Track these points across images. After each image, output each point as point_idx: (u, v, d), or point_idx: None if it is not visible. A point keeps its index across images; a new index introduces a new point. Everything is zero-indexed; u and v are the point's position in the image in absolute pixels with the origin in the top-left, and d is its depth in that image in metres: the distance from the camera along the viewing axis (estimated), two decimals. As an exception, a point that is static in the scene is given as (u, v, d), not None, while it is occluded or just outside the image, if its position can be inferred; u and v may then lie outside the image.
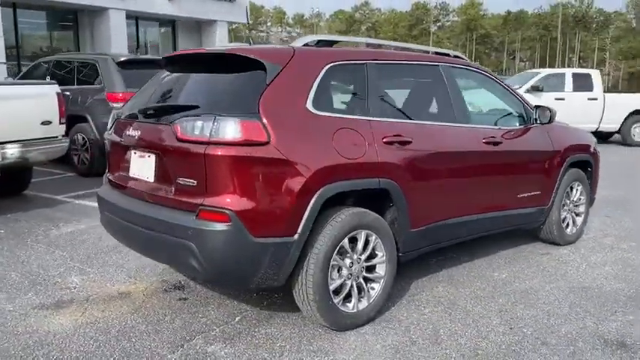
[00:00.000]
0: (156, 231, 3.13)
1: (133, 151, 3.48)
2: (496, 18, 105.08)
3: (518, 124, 4.51)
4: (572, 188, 5.02)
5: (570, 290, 4.02)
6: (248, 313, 3.57)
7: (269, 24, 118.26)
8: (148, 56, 11.11)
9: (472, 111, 4.44)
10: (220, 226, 2.88)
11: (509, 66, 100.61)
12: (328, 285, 3.16)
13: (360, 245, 3.30)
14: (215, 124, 2.89)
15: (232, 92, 3.15)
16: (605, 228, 5.72)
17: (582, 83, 13.42)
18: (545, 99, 12.42)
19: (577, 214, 5.18)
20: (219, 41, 19.63)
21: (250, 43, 3.62)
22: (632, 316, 3.58)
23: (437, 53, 4.21)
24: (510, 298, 3.87)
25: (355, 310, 3.31)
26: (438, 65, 4.01)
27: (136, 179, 3.44)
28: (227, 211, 2.87)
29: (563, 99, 12.96)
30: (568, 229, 5.06)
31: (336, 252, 3.17)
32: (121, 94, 7.73)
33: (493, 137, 4.14)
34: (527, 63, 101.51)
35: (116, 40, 16.89)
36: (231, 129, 2.87)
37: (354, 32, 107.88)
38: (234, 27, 32.79)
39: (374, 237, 3.35)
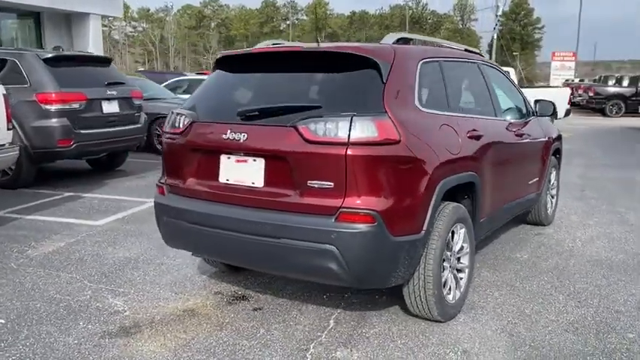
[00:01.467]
0: (284, 238, 2.96)
1: (225, 156, 3.23)
2: (343, 18, 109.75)
3: (521, 117, 4.92)
4: (550, 173, 5.60)
5: (590, 264, 4.52)
6: (337, 315, 3.51)
7: (111, 18, 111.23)
8: (86, 52, 10.09)
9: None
10: (365, 228, 2.82)
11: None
12: (441, 278, 3.25)
13: (456, 237, 3.42)
14: (353, 124, 2.82)
15: (348, 91, 3.06)
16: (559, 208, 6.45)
17: None
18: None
19: (552, 197, 5.79)
20: (94, 37, 18.11)
21: (317, 42, 3.54)
22: (652, 280, 4.16)
23: (467, 51, 4.45)
24: (550, 275, 4.25)
25: (454, 301, 3.43)
26: (476, 62, 4.25)
27: (232, 186, 3.21)
28: (372, 212, 2.82)
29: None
30: (549, 210, 5.65)
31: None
32: (54, 95, 6.92)
33: (518, 129, 4.50)
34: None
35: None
36: (370, 129, 2.82)
37: (205, 28, 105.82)
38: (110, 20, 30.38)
39: (464, 229, 3.49)
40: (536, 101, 5.04)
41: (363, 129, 2.81)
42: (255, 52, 3.46)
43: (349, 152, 2.80)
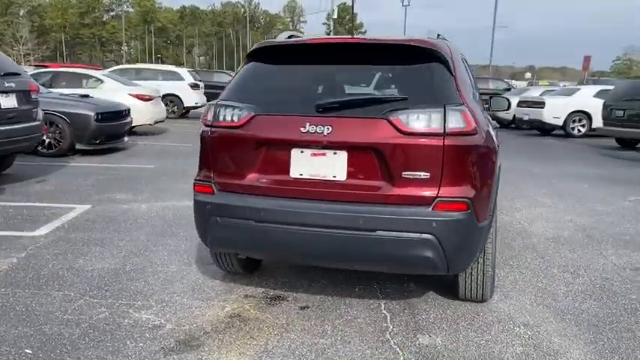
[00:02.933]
0: (379, 230, 2.92)
1: (297, 150, 3.07)
2: (173, 12, 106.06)
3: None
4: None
5: (550, 241, 5.12)
6: (384, 305, 3.55)
7: None
8: None
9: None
10: (461, 215, 2.92)
11: (188, 60, 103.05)
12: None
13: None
14: (447, 115, 2.90)
15: (422, 83, 3.10)
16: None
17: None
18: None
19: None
20: None
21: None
22: None
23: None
24: (530, 253, 4.73)
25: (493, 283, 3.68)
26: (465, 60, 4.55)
27: (307, 180, 3.08)
28: (466, 200, 2.93)
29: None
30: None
31: (491, 230, 3.49)
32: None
33: None
34: (206, 57, 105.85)
35: None
36: (460, 120, 2.92)
37: (13, 15, 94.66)
38: None
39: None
40: (491, 97, 5.53)
41: (455, 120, 2.91)
42: (311, 43, 3.34)
43: (446, 143, 2.88)
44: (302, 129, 3.02)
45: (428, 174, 2.91)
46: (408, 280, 3.94)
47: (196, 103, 18.19)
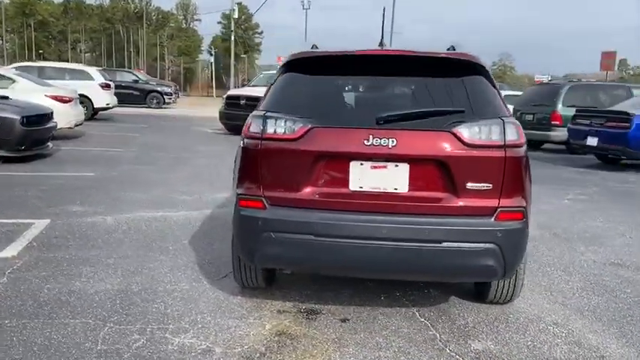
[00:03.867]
0: (446, 242, 2.96)
1: (357, 163, 3.03)
2: (55, 5, 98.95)
3: None
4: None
5: (555, 235, 5.44)
6: (419, 313, 3.60)
7: None
8: None
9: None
10: (519, 224, 3.06)
11: (73, 57, 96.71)
12: (523, 264, 3.64)
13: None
14: (505, 128, 3.00)
15: (472, 96, 3.17)
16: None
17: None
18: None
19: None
20: None
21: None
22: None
23: None
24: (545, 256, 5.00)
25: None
26: None
27: (366, 193, 3.05)
28: (522, 209, 3.06)
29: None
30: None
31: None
32: None
33: None
34: (93, 54, 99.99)
35: None
36: (515, 132, 3.04)
37: None
38: None
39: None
40: None
41: (511, 132, 3.02)
42: (358, 54, 3.30)
43: (507, 154, 2.99)
44: (365, 142, 2.99)
45: (490, 185, 3.00)
46: (426, 287, 4.01)
47: (107, 104, 17.19)
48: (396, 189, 3.05)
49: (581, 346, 3.21)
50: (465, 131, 2.98)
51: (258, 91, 15.34)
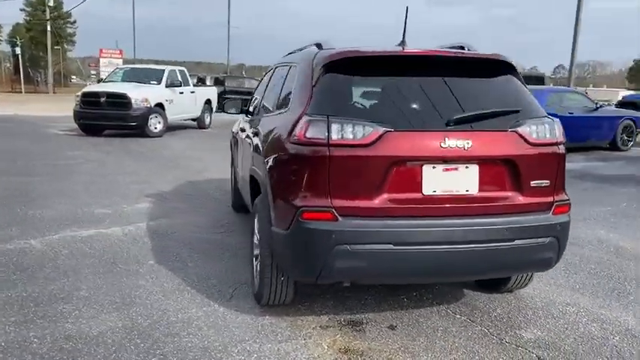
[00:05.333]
0: (517, 239, 3.02)
1: (429, 166, 2.95)
2: None
3: None
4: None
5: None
6: (453, 309, 3.65)
7: None
8: None
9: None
10: (568, 216, 3.25)
11: None
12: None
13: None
14: (556, 126, 3.16)
15: (515, 96, 3.23)
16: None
17: None
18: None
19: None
20: None
21: None
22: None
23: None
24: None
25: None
26: None
27: (439, 197, 2.98)
28: (568, 201, 3.24)
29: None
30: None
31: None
32: None
33: None
34: None
35: None
36: (560, 130, 3.21)
37: None
38: None
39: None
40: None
41: (558, 130, 3.19)
42: (406, 55, 3.20)
43: (560, 151, 3.16)
44: (441, 144, 2.92)
45: (548, 181, 3.13)
46: (435, 283, 4.05)
47: None
48: (467, 190, 3.03)
49: (604, 322, 3.52)
50: (530, 130, 3.07)
51: (122, 88, 14.20)
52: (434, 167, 2.99)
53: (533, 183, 3.11)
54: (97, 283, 3.90)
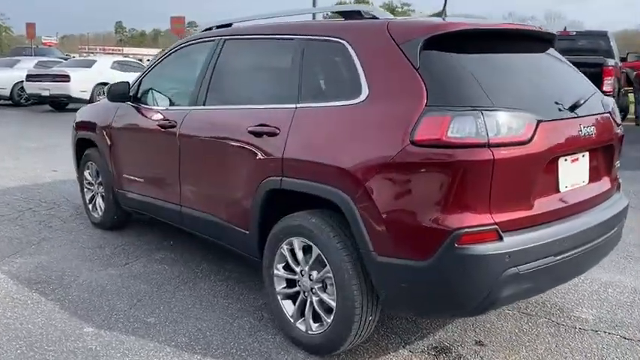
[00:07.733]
0: (618, 225, 3.10)
1: (563, 159, 2.74)
2: None
3: None
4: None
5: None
6: (505, 308, 3.68)
7: None
8: None
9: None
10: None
11: None
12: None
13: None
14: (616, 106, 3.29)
15: (576, 73, 3.23)
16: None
17: None
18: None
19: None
20: None
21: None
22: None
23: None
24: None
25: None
26: None
27: (569, 192, 2.82)
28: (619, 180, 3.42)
29: None
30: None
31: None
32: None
33: None
34: None
35: None
36: None
37: None
38: None
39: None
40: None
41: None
42: (506, 28, 3.01)
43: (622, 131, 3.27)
44: (579, 133, 2.74)
45: (619, 162, 3.25)
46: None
47: None
48: (584, 181, 2.91)
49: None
50: (616, 111, 3.15)
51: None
52: (565, 160, 2.76)
53: (616, 165, 3.19)
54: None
